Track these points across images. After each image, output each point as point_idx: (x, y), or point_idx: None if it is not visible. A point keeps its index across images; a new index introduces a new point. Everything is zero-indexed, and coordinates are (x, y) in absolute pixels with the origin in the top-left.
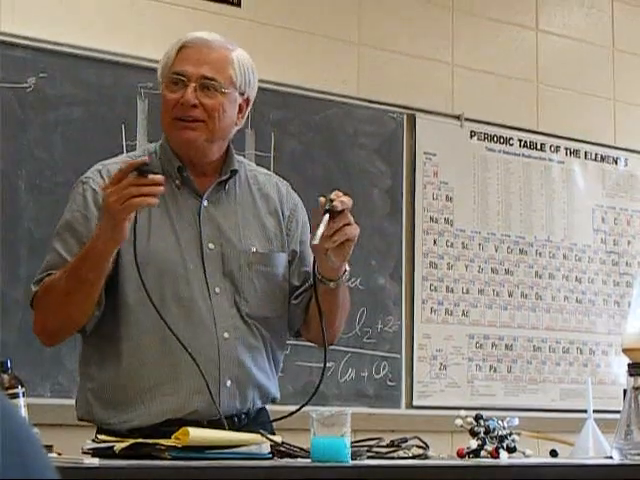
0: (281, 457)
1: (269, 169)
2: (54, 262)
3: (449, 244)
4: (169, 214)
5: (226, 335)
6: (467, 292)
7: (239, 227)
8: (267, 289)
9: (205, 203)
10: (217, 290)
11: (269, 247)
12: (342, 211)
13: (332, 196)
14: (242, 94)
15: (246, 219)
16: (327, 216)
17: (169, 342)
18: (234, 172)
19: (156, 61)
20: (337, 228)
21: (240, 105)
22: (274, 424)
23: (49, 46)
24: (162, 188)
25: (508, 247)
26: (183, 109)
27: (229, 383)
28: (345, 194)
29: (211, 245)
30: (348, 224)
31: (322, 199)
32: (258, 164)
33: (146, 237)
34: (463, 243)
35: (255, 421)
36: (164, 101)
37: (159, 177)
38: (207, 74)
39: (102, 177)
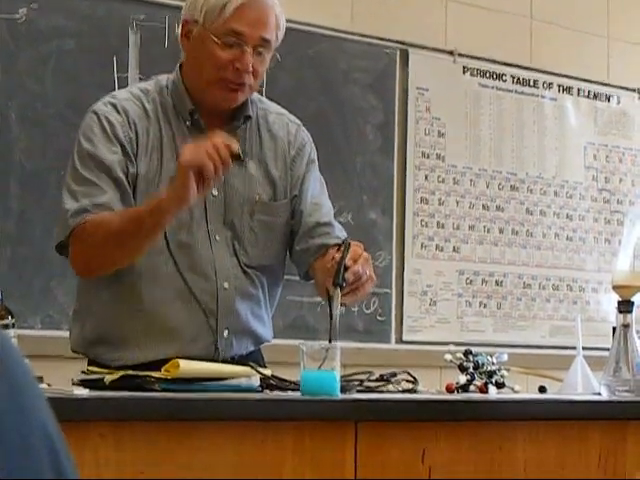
0: (271, 390)
1: None
2: (90, 192)
3: (440, 180)
4: (178, 156)
5: (226, 285)
6: (458, 228)
7: (245, 173)
8: (268, 238)
9: None
10: (217, 238)
11: (273, 195)
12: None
13: (347, 262)
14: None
15: (253, 164)
16: (339, 291)
17: (170, 289)
18: (247, 118)
19: None
20: (348, 291)
21: None
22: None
23: None
24: (227, 168)
25: (499, 183)
26: (238, 74)
27: (226, 333)
28: (362, 249)
29: (215, 192)
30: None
31: (335, 255)
32: None
33: (157, 180)
34: (454, 179)
35: (248, 358)
36: (212, 56)
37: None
38: (265, 36)
39: (118, 112)
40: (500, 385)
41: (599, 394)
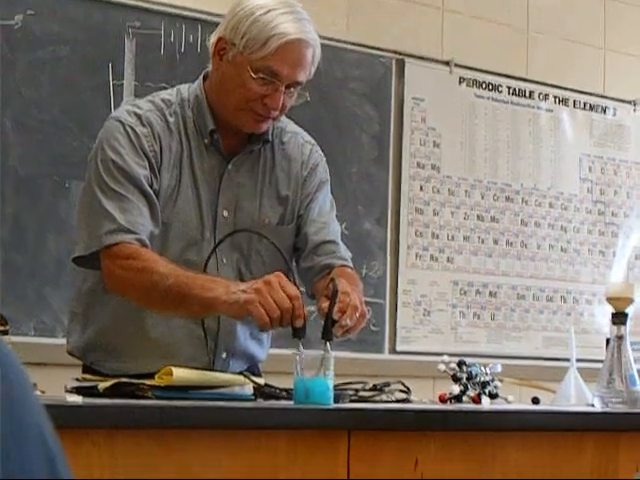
0: (264, 399)
1: None
2: (123, 208)
3: (435, 190)
4: (195, 174)
5: None
6: (452, 239)
7: (257, 195)
8: (274, 262)
9: (230, 167)
10: (224, 260)
11: (282, 218)
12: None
13: (335, 315)
14: None
15: (265, 185)
16: (328, 346)
17: None
18: (266, 142)
19: None
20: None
21: None
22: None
23: None
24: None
25: (494, 194)
26: (266, 109)
27: (224, 355)
28: (353, 307)
29: (225, 213)
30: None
31: (323, 305)
32: None
33: (174, 197)
34: (449, 189)
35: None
36: (244, 85)
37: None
38: (299, 79)
39: (143, 125)
40: (493, 396)
41: (592, 405)
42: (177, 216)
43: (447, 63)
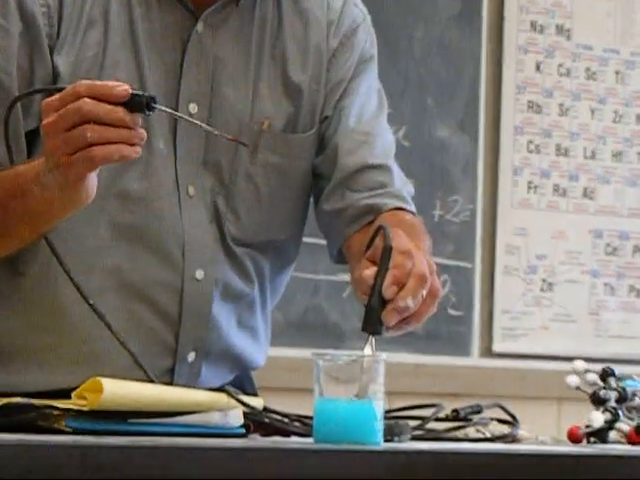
0: (263, 434)
1: None
2: None
3: (563, 71)
4: (135, 40)
5: (199, 275)
6: (592, 157)
7: (249, 78)
8: (278, 194)
9: (200, 27)
10: (191, 191)
11: (294, 122)
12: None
13: (386, 291)
14: None
15: (263, 63)
16: (372, 340)
17: (100, 277)
18: None
19: None
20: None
21: None
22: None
23: None
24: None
25: None
26: None
27: (192, 357)
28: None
29: (193, 106)
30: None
31: (366, 274)
32: None
33: (95, 78)
34: (588, 70)
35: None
36: None
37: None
38: None
39: None
40: None
41: None
42: None
43: None
